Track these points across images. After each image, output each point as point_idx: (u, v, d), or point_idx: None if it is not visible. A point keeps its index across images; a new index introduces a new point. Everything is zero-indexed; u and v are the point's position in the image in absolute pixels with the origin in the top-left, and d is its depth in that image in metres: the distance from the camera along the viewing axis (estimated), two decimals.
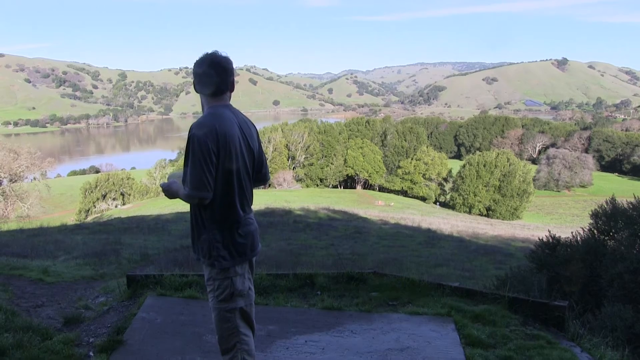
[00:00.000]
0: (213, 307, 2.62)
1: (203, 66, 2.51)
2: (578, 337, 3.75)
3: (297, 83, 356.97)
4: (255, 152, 2.66)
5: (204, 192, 2.41)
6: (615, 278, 5.26)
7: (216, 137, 2.41)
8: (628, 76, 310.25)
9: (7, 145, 39.37)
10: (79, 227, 19.95)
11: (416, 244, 17.15)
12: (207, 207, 2.50)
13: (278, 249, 12.98)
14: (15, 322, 3.69)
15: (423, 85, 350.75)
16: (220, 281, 2.56)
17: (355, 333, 3.69)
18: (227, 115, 2.53)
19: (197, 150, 2.39)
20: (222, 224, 2.53)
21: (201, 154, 2.38)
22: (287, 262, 8.48)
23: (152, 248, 11.58)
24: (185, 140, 2.50)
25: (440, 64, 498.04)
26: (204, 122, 2.46)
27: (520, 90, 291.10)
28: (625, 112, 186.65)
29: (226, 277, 2.55)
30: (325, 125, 72.38)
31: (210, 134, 2.40)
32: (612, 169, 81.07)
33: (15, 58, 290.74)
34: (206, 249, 2.54)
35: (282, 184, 58.18)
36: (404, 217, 30.03)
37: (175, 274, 4.69)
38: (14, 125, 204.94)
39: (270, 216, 23.77)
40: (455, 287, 4.48)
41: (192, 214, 2.62)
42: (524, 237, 23.05)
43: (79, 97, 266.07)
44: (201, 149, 2.38)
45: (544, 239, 6.75)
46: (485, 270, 11.72)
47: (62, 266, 7.06)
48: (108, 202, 48.64)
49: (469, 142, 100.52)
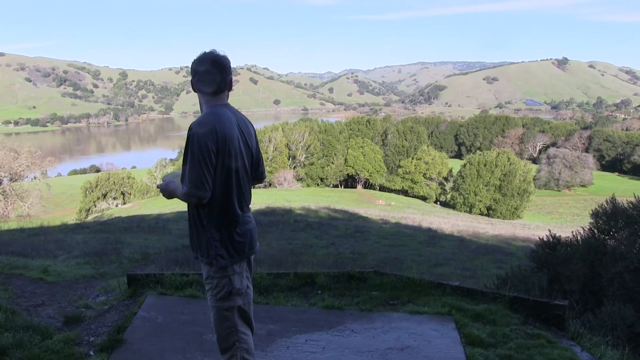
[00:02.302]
0: (212, 306, 2.62)
1: (204, 64, 2.50)
2: (578, 336, 3.75)
3: (297, 82, 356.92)
4: (253, 151, 2.67)
5: (202, 192, 2.41)
6: (615, 277, 5.26)
7: (216, 137, 2.40)
8: (628, 76, 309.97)
9: (8, 144, 39.35)
10: (80, 226, 19.96)
11: (417, 243, 17.16)
12: (205, 206, 2.50)
13: (279, 248, 12.99)
14: (16, 321, 3.69)
15: (424, 84, 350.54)
16: (218, 279, 2.56)
17: (356, 332, 3.69)
18: (226, 114, 2.52)
19: (196, 149, 2.38)
20: (220, 223, 2.53)
21: (200, 153, 2.37)
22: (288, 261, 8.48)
23: (153, 247, 11.58)
24: (185, 139, 2.50)
25: (441, 63, 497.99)
26: (203, 121, 2.45)
27: (521, 90, 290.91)
28: (625, 112, 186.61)
29: (224, 275, 2.55)
30: (326, 124, 72.32)
31: (210, 133, 2.40)
32: (612, 168, 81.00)
33: (16, 57, 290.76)
34: (204, 247, 2.55)
35: (283, 184, 58.15)
36: (405, 217, 30.02)
37: (176, 273, 4.68)
38: (14, 124, 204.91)
39: (270, 215, 23.77)
40: (455, 286, 4.48)
41: (190, 213, 2.62)
42: (525, 237, 23.03)
43: (80, 96, 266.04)
44: (200, 148, 2.38)
45: (545, 239, 6.75)
46: (485, 270, 11.72)
47: (62, 265, 7.06)
48: (108, 201, 48.62)
49: (469, 141, 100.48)
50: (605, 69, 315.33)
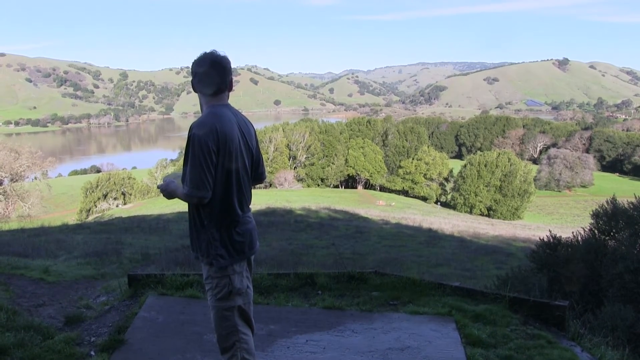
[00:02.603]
0: (212, 306, 2.62)
1: (204, 66, 2.51)
2: (578, 337, 3.76)
3: (298, 83, 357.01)
4: (253, 151, 2.68)
5: (203, 192, 2.41)
6: (615, 278, 5.27)
7: (216, 137, 2.41)
8: (629, 76, 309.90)
9: (8, 145, 39.41)
10: (80, 227, 19.99)
11: (417, 243, 17.17)
12: (206, 206, 2.51)
13: (279, 248, 13.00)
14: (17, 321, 3.70)
15: (424, 85, 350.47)
16: (218, 279, 2.56)
17: (356, 332, 3.69)
18: (227, 115, 2.53)
19: (197, 149, 2.39)
20: (221, 223, 2.53)
21: (201, 153, 2.38)
22: (288, 262, 8.50)
23: (153, 247, 11.60)
24: (185, 139, 2.51)
25: (441, 63, 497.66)
26: (204, 121, 2.46)
27: (521, 90, 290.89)
28: (626, 112, 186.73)
29: (224, 275, 2.56)
30: (327, 125, 72.21)
31: (211, 134, 2.40)
32: (613, 169, 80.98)
33: (17, 57, 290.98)
34: (204, 247, 2.55)
35: (283, 184, 58.16)
36: (405, 217, 30.04)
37: (176, 273, 4.69)
38: (15, 125, 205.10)
39: (271, 216, 23.79)
40: (456, 286, 4.48)
41: (190, 213, 2.62)
42: (525, 237, 23.04)
43: (80, 97, 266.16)
44: (201, 149, 2.38)
45: (545, 239, 6.76)
46: (486, 270, 11.74)
47: (63, 266, 7.06)
48: (109, 201, 48.67)
49: (470, 142, 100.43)
50: (606, 69, 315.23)
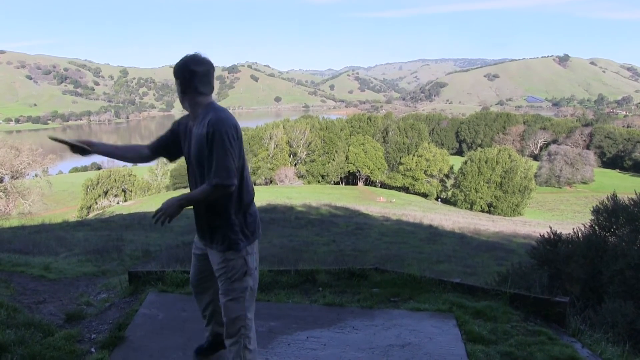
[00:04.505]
0: (224, 292, 2.68)
1: (203, 65, 2.59)
2: (579, 333, 3.76)
3: (298, 79, 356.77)
4: None
5: (233, 179, 2.50)
6: (616, 274, 5.26)
7: (236, 128, 2.55)
8: (630, 72, 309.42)
9: (9, 142, 39.39)
10: (81, 224, 20.01)
11: (418, 240, 17.16)
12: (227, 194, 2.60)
13: (280, 245, 13.01)
14: (17, 318, 3.70)
15: (424, 81, 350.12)
16: (234, 261, 2.66)
17: (357, 329, 3.69)
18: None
19: (225, 140, 2.48)
20: (238, 208, 2.66)
21: (230, 144, 2.49)
22: (289, 259, 8.50)
23: (154, 244, 11.60)
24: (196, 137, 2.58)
25: (442, 60, 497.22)
26: (226, 116, 2.55)
27: (522, 87, 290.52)
28: (626, 109, 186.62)
29: (239, 257, 2.66)
30: (327, 121, 72.12)
31: (233, 125, 2.53)
32: (613, 165, 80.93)
33: (17, 55, 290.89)
34: (219, 235, 2.65)
35: (284, 181, 58.21)
36: (406, 214, 30.05)
37: (177, 270, 4.68)
38: (15, 122, 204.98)
39: (272, 212, 23.80)
40: (456, 283, 4.48)
41: (199, 205, 2.66)
42: (526, 234, 23.06)
43: (81, 94, 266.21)
44: (229, 139, 2.49)
45: (546, 236, 6.75)
46: (486, 267, 11.73)
47: (63, 263, 7.07)
48: (110, 198, 48.76)
49: (470, 138, 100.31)
50: (607, 65, 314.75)
